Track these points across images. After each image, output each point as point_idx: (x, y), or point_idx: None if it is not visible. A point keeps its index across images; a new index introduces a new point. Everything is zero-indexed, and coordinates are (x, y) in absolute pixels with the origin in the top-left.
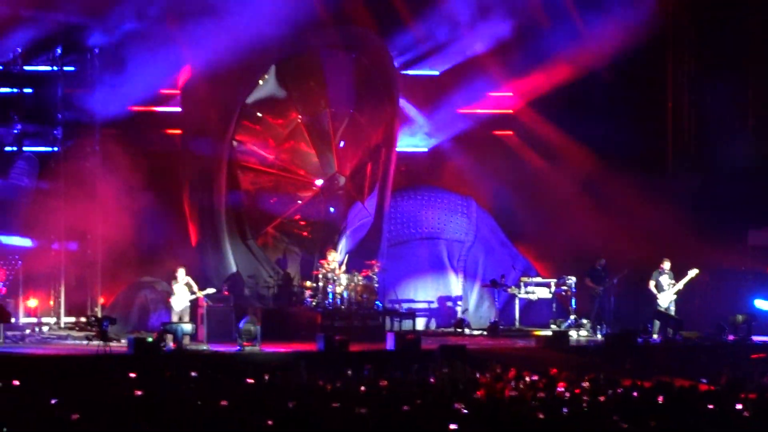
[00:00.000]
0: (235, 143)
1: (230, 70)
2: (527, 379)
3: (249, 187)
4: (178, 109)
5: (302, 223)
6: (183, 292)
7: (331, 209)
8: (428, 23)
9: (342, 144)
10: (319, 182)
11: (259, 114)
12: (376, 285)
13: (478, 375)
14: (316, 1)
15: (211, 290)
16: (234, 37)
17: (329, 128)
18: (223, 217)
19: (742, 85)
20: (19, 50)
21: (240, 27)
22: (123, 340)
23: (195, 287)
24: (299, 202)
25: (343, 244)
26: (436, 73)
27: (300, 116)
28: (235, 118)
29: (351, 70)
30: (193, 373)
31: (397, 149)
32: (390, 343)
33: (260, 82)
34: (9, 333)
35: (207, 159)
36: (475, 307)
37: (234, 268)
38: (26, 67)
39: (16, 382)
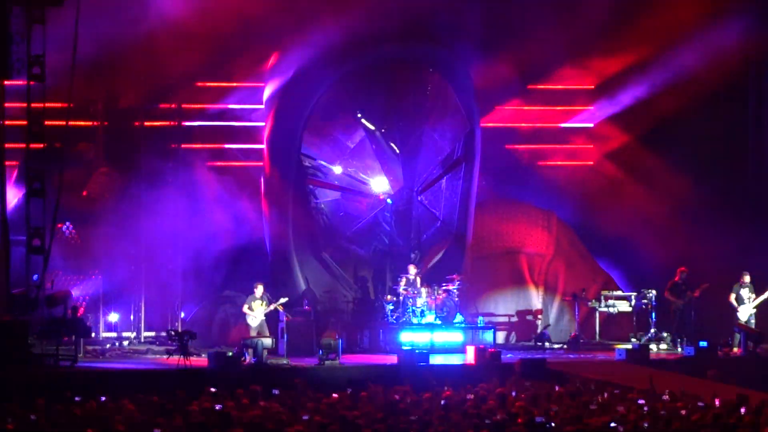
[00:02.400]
0: (302, 157)
1: (301, 81)
2: (606, 394)
3: (318, 201)
4: (262, 123)
5: (372, 236)
6: (259, 309)
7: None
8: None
9: (412, 158)
10: (386, 196)
11: (325, 127)
12: (457, 299)
13: (558, 388)
14: (395, 16)
15: (283, 299)
16: (311, 49)
17: (397, 142)
18: (291, 233)
19: None
20: None
21: (319, 38)
22: (203, 355)
23: (271, 300)
24: (368, 215)
25: (420, 258)
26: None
27: (367, 130)
28: (302, 131)
29: (424, 84)
30: (275, 391)
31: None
32: (470, 357)
33: (327, 94)
34: (89, 347)
35: (277, 172)
36: (555, 320)
37: (303, 286)
38: None
39: (103, 398)
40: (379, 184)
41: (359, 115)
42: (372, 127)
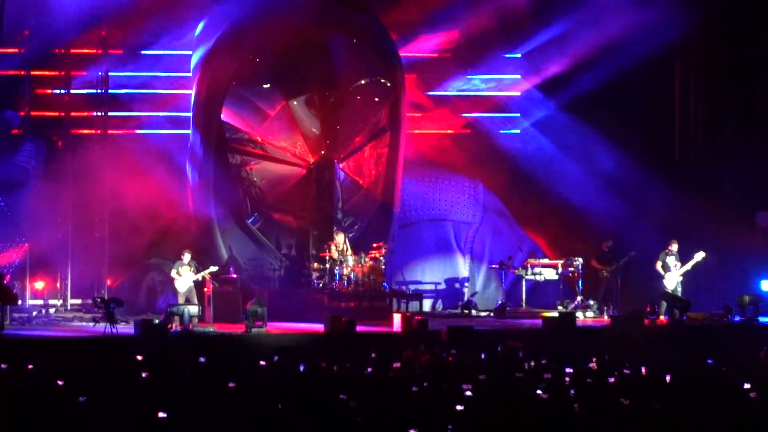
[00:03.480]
0: (223, 125)
1: (223, 48)
2: (533, 361)
3: (240, 170)
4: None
5: (294, 204)
6: (187, 274)
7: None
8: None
9: (333, 126)
10: (308, 163)
11: (246, 94)
12: (383, 266)
13: (484, 356)
14: None
15: (213, 268)
16: (234, 16)
17: (318, 110)
18: (212, 201)
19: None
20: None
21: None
22: (130, 323)
23: (199, 268)
24: (290, 182)
25: (344, 225)
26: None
27: (287, 98)
28: (223, 98)
29: (346, 53)
30: (201, 359)
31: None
32: (397, 325)
33: (249, 61)
34: (16, 315)
35: (200, 139)
36: (482, 288)
37: (226, 255)
38: None
39: (30, 366)
40: (301, 152)
41: (281, 83)
42: (293, 95)
